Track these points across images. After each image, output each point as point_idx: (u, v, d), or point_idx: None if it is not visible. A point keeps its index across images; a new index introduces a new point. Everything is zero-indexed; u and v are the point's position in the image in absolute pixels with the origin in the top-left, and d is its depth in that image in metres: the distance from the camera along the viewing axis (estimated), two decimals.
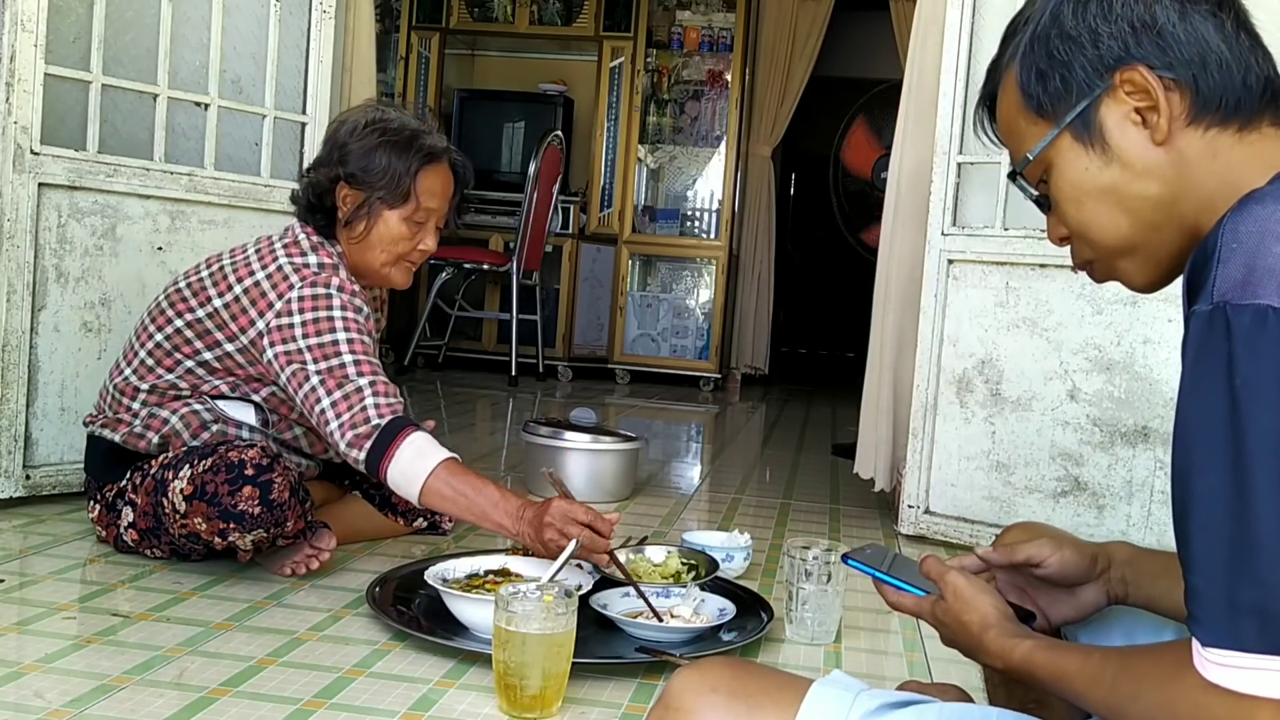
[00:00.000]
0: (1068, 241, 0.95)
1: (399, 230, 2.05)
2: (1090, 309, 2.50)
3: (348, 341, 1.93)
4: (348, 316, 1.96)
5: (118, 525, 2.04)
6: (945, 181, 2.66)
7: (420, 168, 2.04)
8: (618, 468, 2.96)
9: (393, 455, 1.83)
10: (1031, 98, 0.91)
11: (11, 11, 2.29)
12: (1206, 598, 0.71)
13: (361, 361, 1.92)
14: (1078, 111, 0.88)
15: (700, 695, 0.85)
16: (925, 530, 2.68)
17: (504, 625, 1.45)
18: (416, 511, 2.34)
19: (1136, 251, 0.90)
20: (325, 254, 2.05)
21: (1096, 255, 0.93)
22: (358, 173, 2.03)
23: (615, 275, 6.24)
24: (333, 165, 2.05)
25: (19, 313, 2.34)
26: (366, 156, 2.02)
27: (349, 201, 2.05)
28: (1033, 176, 0.94)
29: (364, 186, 2.03)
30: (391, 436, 1.84)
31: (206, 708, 1.42)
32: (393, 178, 2.02)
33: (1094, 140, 0.88)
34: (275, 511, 1.86)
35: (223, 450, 1.88)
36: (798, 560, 1.85)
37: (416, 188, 2.04)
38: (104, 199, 2.49)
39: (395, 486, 1.87)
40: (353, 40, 3.16)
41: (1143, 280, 0.93)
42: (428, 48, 6.40)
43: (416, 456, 1.83)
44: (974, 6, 2.62)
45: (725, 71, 6.25)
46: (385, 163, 2.02)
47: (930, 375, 2.68)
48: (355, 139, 2.04)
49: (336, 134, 2.09)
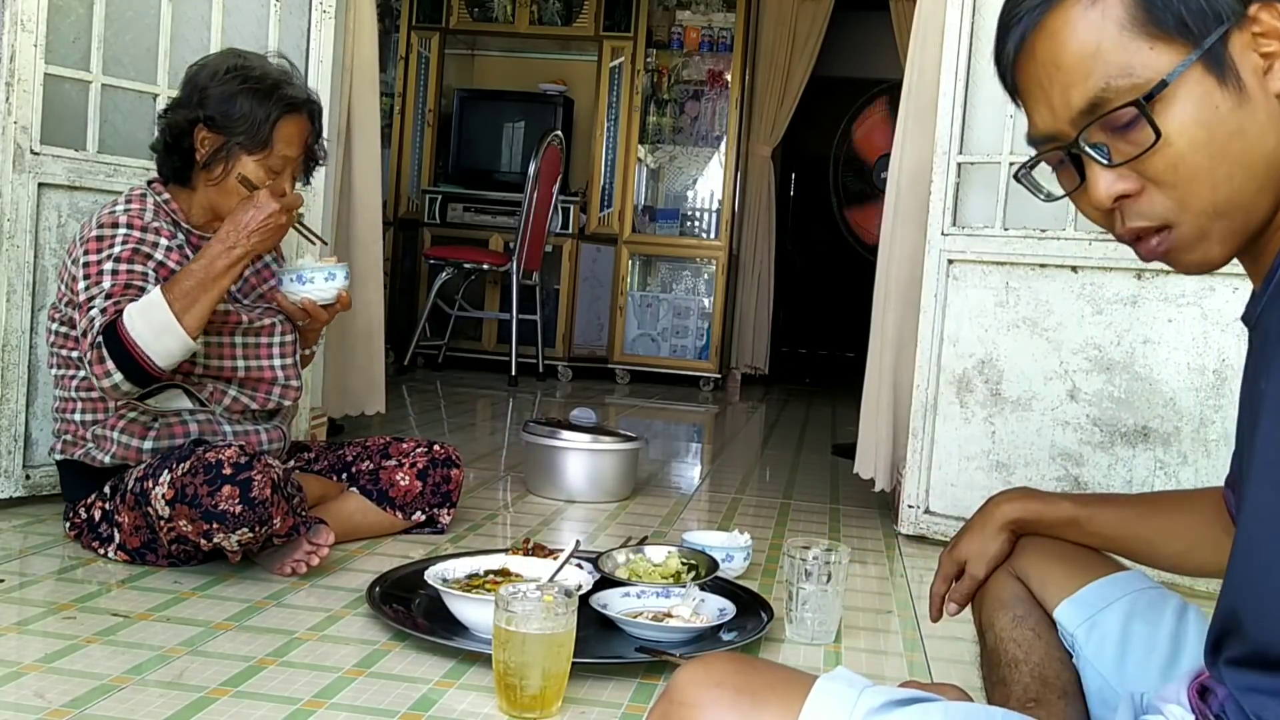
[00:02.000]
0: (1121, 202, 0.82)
1: (255, 176, 2.08)
2: (1090, 309, 2.50)
3: (113, 273, 1.97)
4: (126, 246, 2.00)
5: (106, 550, 2.04)
6: (945, 181, 2.66)
7: (280, 116, 2.07)
8: (618, 468, 2.96)
9: (132, 343, 1.88)
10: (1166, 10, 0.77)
11: (11, 11, 2.29)
12: None
13: (116, 286, 1.95)
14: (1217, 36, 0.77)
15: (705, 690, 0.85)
16: (925, 530, 2.68)
17: (504, 625, 1.45)
18: (414, 506, 2.34)
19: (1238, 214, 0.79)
20: (137, 202, 2.09)
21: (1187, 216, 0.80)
22: (217, 116, 2.05)
23: (615, 275, 6.24)
24: (192, 108, 2.08)
25: (19, 313, 2.34)
26: (227, 101, 2.05)
27: (207, 144, 2.08)
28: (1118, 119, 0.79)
29: (223, 131, 2.06)
30: (116, 334, 1.88)
31: (206, 708, 1.42)
32: (253, 124, 2.06)
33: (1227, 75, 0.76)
34: (257, 509, 1.85)
35: (200, 451, 1.88)
36: (798, 560, 1.85)
37: (275, 136, 2.07)
38: (104, 199, 2.48)
39: (170, 356, 1.91)
40: (353, 40, 3.16)
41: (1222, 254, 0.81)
42: (428, 48, 6.40)
43: (144, 318, 1.89)
44: (974, 6, 2.62)
45: (725, 71, 6.25)
46: (246, 109, 2.05)
47: (930, 375, 2.68)
48: (216, 83, 2.07)
49: (196, 77, 2.11)
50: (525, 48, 6.61)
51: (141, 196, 2.11)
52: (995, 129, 2.63)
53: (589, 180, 6.32)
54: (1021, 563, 1.20)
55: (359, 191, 3.28)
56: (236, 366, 2.13)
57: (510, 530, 2.58)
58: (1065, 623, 1.13)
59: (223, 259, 1.95)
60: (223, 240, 1.97)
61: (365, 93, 3.26)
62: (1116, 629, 1.09)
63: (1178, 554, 1.11)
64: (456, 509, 2.45)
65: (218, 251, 1.96)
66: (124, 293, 1.95)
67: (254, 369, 2.14)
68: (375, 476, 2.34)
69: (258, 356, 2.15)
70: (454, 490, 2.41)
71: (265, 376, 2.16)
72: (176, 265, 2.04)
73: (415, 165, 6.42)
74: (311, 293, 2.14)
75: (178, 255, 2.06)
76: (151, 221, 2.06)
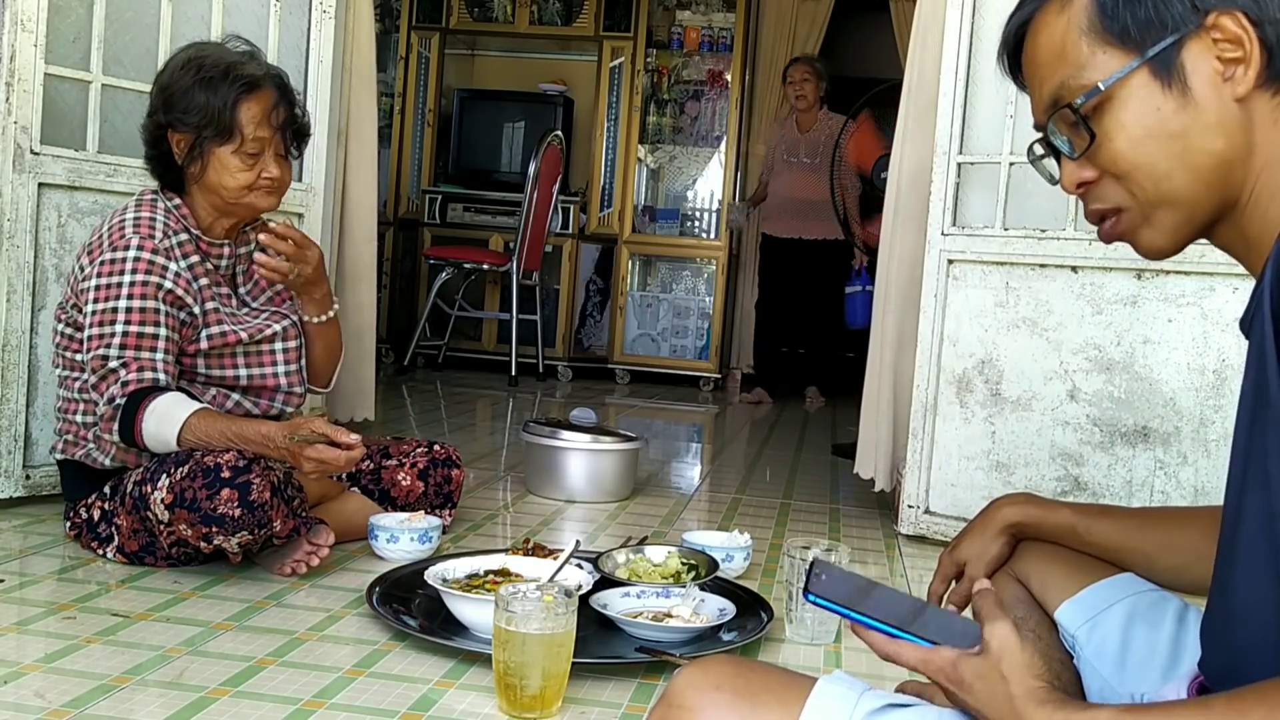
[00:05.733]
0: (1085, 188, 0.89)
1: (234, 164, 2.04)
2: (1090, 309, 2.50)
3: (126, 310, 1.96)
4: (135, 283, 1.97)
5: (105, 550, 2.03)
6: (945, 181, 2.66)
7: (238, 98, 2.01)
8: (618, 468, 2.96)
9: (139, 428, 1.92)
10: (1114, 20, 0.84)
11: (11, 11, 2.29)
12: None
13: (130, 335, 1.95)
14: (1164, 45, 0.82)
15: (704, 693, 0.85)
16: (925, 530, 2.68)
17: (504, 625, 1.45)
18: (415, 506, 2.34)
19: (1180, 207, 0.85)
20: (148, 208, 2.06)
21: (1134, 204, 0.87)
22: (180, 115, 2.02)
23: (615, 275, 6.24)
24: (157, 113, 2.05)
25: (19, 313, 2.34)
26: (185, 97, 2.01)
27: (181, 145, 2.05)
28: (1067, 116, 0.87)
29: (189, 129, 2.02)
30: (132, 412, 1.92)
31: (206, 708, 1.42)
32: (212, 114, 2.00)
33: (1173, 80, 0.82)
34: (256, 513, 1.85)
35: (199, 455, 1.87)
36: (798, 560, 1.85)
37: (238, 120, 2.01)
38: (104, 199, 2.49)
39: (155, 449, 1.94)
40: (353, 40, 3.16)
41: (1167, 241, 0.87)
42: (428, 48, 6.39)
43: (160, 423, 1.91)
44: (974, 6, 2.62)
45: (725, 71, 6.26)
46: (203, 100, 2.00)
47: (930, 375, 2.68)
48: (174, 82, 2.03)
49: (158, 79, 2.09)
50: (525, 48, 6.61)
51: (152, 203, 2.08)
52: (995, 129, 2.62)
53: (589, 180, 6.32)
54: (1022, 565, 1.20)
55: (354, 191, 3.27)
56: (239, 375, 2.12)
57: (510, 530, 2.58)
58: (1066, 624, 1.13)
59: (255, 446, 1.89)
60: (268, 442, 1.88)
61: (362, 92, 3.25)
62: (1117, 631, 1.09)
63: (1174, 569, 1.11)
64: (457, 509, 2.45)
65: (257, 439, 1.89)
66: (137, 354, 1.95)
67: (257, 377, 2.14)
68: (376, 476, 2.34)
69: (260, 364, 2.15)
70: (455, 490, 2.41)
71: (269, 384, 2.15)
72: (184, 292, 2.02)
73: (415, 165, 6.42)
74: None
75: (186, 279, 2.03)
76: (161, 241, 2.01)
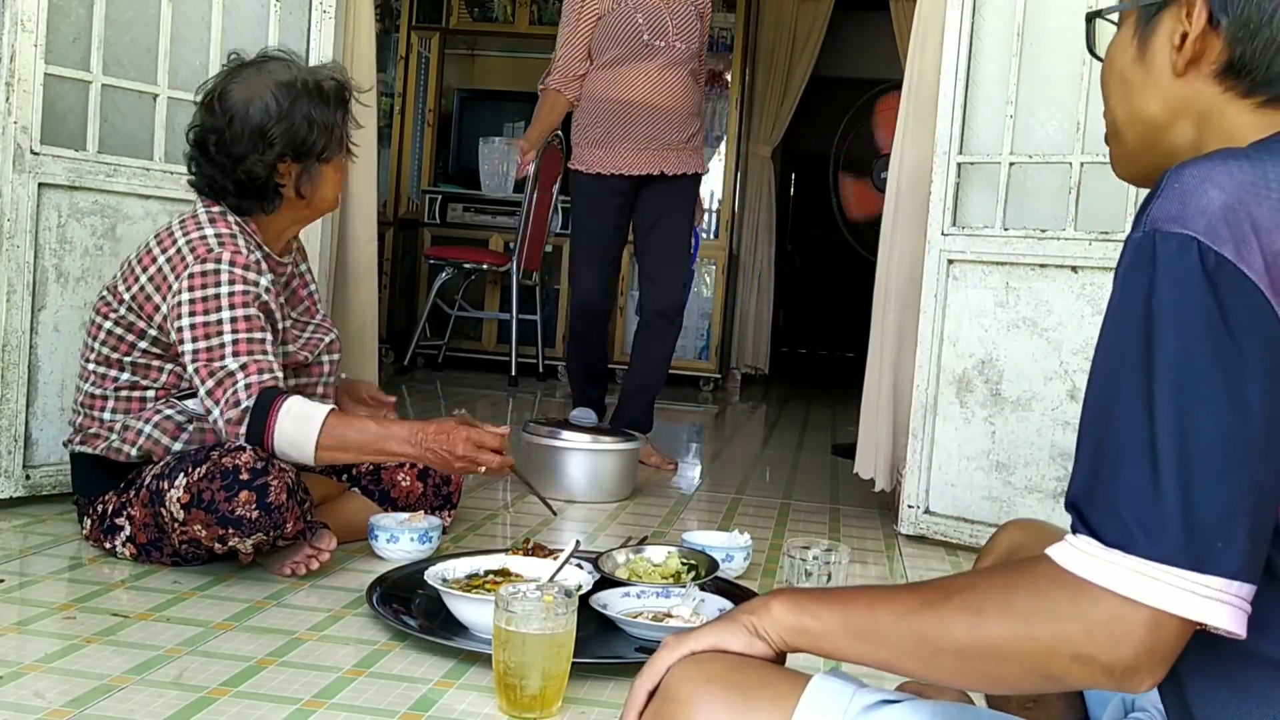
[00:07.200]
0: None
1: (335, 176, 2.14)
2: (1090, 309, 2.50)
3: (231, 320, 1.96)
4: (235, 292, 1.98)
5: (114, 541, 2.03)
6: (945, 181, 2.66)
7: (345, 114, 2.13)
8: (618, 468, 2.96)
9: (272, 431, 1.90)
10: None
11: (11, 11, 2.29)
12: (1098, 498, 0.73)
13: (240, 341, 1.95)
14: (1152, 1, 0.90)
15: (697, 686, 0.85)
16: (925, 530, 2.68)
17: (504, 625, 1.45)
18: (415, 506, 2.34)
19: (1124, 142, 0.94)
20: (223, 224, 2.06)
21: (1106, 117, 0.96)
22: (295, 147, 2.05)
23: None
24: (264, 151, 2.03)
25: (19, 313, 2.34)
26: (307, 128, 2.05)
27: (292, 174, 2.08)
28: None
29: (305, 155, 2.07)
30: (264, 414, 1.90)
31: (206, 708, 1.42)
32: (334, 136, 2.09)
33: (1145, 35, 0.90)
34: (273, 514, 1.86)
35: (216, 456, 1.87)
36: (798, 560, 1.86)
37: (349, 133, 2.15)
38: (104, 199, 2.49)
39: (286, 457, 1.92)
40: (353, 40, 3.16)
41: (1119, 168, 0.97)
42: (428, 48, 6.39)
43: (297, 423, 1.90)
44: (974, 6, 2.62)
45: (725, 71, 6.25)
46: (317, 128, 2.06)
47: (930, 375, 2.68)
48: (274, 120, 2.03)
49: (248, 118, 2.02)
50: (525, 48, 6.61)
51: (224, 218, 2.06)
52: (995, 129, 2.62)
53: None
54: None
55: (354, 190, 3.27)
56: None
57: (510, 530, 2.59)
58: None
59: (394, 445, 1.95)
60: (412, 439, 1.94)
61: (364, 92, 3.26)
62: None
63: None
64: (457, 509, 2.45)
65: (399, 439, 1.95)
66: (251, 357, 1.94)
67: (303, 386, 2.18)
68: (376, 477, 2.34)
69: (309, 375, 2.19)
70: (455, 491, 2.41)
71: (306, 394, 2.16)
72: (275, 306, 2.04)
73: (415, 165, 6.42)
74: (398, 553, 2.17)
75: (274, 293, 2.06)
76: (249, 255, 2.03)
